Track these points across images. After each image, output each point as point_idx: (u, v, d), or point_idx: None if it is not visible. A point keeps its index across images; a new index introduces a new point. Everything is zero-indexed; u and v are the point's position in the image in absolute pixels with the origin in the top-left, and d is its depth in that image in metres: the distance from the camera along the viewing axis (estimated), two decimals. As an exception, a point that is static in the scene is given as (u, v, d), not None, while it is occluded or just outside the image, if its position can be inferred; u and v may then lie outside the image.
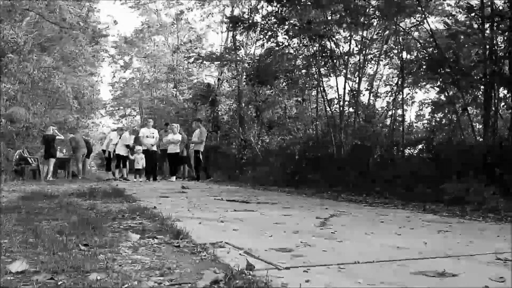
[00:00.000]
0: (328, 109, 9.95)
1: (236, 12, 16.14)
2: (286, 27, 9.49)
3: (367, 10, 8.03)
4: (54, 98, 16.07)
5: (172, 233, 2.48)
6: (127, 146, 11.62)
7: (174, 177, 11.39)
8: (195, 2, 19.22)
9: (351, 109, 9.98)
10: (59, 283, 1.48)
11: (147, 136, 11.25)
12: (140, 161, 12.13)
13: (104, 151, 12.43)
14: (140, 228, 2.74)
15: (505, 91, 6.63)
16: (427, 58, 7.34)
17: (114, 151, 11.72)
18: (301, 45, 10.18)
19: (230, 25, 10.97)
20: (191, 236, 2.39)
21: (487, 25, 6.60)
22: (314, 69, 9.68)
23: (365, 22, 8.28)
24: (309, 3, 8.45)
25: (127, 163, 12.42)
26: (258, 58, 11.37)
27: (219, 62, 16.66)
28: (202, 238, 2.34)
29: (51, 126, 12.53)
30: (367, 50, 9.28)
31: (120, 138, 11.75)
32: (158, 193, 6.21)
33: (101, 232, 2.48)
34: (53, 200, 4.52)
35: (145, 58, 27.11)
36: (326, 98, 10.06)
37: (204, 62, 17.23)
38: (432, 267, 1.80)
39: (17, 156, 11.55)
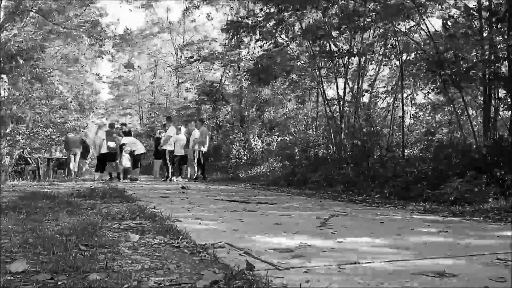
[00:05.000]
0: (328, 109, 9.95)
1: (241, 13, 16.14)
2: (285, 28, 9.50)
3: (365, 13, 8.02)
4: (54, 98, 16.04)
5: (172, 233, 2.48)
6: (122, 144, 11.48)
7: (174, 177, 11.39)
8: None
9: (351, 110, 9.99)
10: (59, 283, 1.48)
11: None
12: (127, 160, 11.95)
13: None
14: (140, 228, 2.74)
15: (505, 92, 6.62)
16: (426, 59, 7.34)
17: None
18: (301, 46, 10.18)
19: (232, 30, 10.96)
20: (191, 236, 2.39)
21: (486, 26, 6.60)
22: (314, 69, 9.69)
23: (363, 24, 8.27)
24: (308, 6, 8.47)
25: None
26: (258, 58, 11.37)
27: (220, 62, 16.68)
28: (202, 238, 2.34)
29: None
30: (366, 52, 9.28)
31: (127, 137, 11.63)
32: (158, 193, 6.21)
33: (101, 232, 2.48)
34: (53, 200, 4.52)
35: (148, 56, 27.06)
36: (326, 99, 10.06)
37: (205, 62, 17.23)
38: (432, 267, 1.80)
39: (17, 156, 11.56)
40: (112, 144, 11.11)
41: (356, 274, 1.69)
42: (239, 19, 12.13)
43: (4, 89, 10.65)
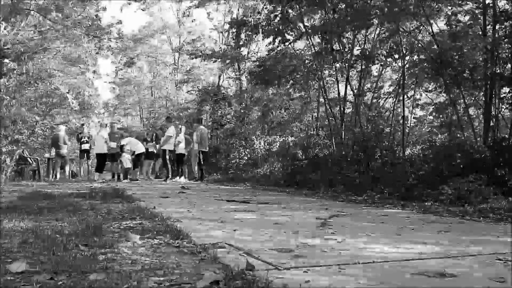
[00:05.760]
0: (329, 109, 9.95)
1: (241, 12, 16.14)
2: (289, 27, 9.50)
3: (370, 12, 8.01)
4: (54, 98, 16.05)
5: (172, 233, 2.48)
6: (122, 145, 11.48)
7: (178, 177, 11.39)
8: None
9: (352, 110, 10.00)
10: (59, 283, 1.48)
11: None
12: (128, 161, 11.94)
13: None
14: (140, 228, 2.74)
15: (507, 92, 6.62)
16: (429, 59, 7.34)
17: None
18: (306, 44, 10.19)
19: (235, 28, 10.94)
20: (191, 237, 2.39)
21: (489, 27, 6.60)
22: (317, 69, 9.68)
23: (368, 23, 8.26)
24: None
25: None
26: (262, 59, 11.38)
27: (221, 62, 16.67)
28: (202, 239, 2.34)
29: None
30: (370, 51, 9.27)
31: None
32: (158, 193, 6.21)
33: (100, 232, 2.48)
34: (53, 200, 4.52)
35: (147, 57, 27.03)
36: (328, 99, 10.07)
37: (207, 60, 17.22)
38: (432, 267, 1.80)
39: (17, 156, 11.56)
40: (113, 144, 11.09)
41: (356, 274, 1.69)
42: (244, 17, 12.13)
43: (5, 89, 10.66)
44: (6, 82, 10.93)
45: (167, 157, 11.37)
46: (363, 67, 9.47)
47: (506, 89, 6.64)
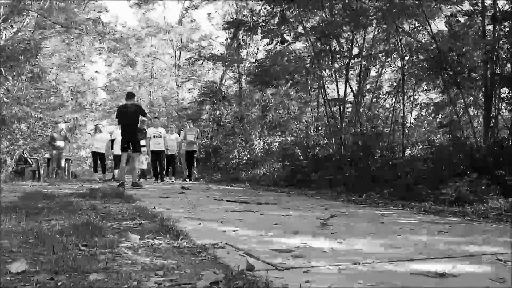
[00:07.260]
0: (329, 109, 9.95)
1: (240, 12, 16.19)
2: (288, 27, 9.49)
3: (369, 12, 8.00)
4: (54, 98, 16.07)
5: (172, 233, 2.48)
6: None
7: (174, 177, 11.44)
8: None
9: (352, 110, 9.99)
10: (59, 283, 1.48)
11: (154, 136, 10.91)
12: (145, 161, 12.09)
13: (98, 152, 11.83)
14: (140, 228, 2.75)
15: (507, 92, 6.61)
16: (428, 59, 7.33)
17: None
18: (305, 45, 10.19)
19: (233, 29, 10.92)
20: (191, 237, 2.39)
21: (489, 26, 6.60)
22: (316, 69, 9.67)
23: (367, 23, 8.25)
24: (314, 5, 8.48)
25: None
26: (260, 59, 11.39)
27: (221, 63, 16.70)
28: (202, 239, 2.34)
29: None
30: (369, 52, 9.27)
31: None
32: (158, 193, 6.21)
33: (101, 232, 2.48)
34: (53, 200, 4.52)
35: (146, 57, 27.01)
36: (328, 99, 10.06)
37: (206, 62, 17.27)
38: (432, 267, 1.80)
39: (17, 157, 11.56)
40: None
41: (356, 274, 1.69)
42: (242, 17, 12.13)
43: (6, 89, 10.65)
44: (7, 82, 10.95)
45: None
46: (362, 67, 9.46)
47: (505, 89, 6.64)
